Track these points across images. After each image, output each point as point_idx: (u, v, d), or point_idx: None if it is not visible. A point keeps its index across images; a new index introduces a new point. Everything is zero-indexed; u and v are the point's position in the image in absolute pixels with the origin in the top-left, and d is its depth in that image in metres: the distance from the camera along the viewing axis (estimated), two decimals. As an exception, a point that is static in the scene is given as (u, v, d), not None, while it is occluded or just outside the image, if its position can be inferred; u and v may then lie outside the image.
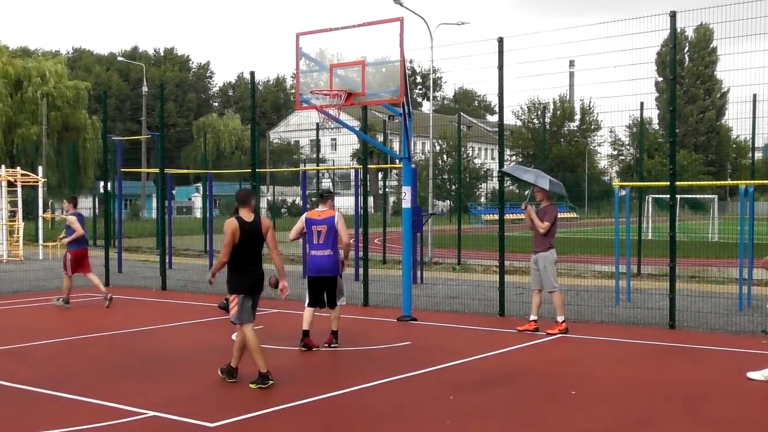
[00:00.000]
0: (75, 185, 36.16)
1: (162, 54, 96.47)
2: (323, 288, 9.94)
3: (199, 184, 57.56)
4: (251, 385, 7.76)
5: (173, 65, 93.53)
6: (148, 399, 7.30)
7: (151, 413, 6.83)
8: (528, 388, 7.82)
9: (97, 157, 47.31)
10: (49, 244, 25.28)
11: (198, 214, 55.37)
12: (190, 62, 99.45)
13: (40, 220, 25.83)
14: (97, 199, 33.33)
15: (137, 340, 10.69)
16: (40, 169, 26.95)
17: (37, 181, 25.44)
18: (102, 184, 25.23)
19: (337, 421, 6.75)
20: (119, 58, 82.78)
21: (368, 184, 15.99)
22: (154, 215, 37.14)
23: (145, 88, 63.02)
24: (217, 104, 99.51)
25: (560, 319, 10.80)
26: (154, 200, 29.54)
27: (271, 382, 7.75)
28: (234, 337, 9.30)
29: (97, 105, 60.96)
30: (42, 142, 44.39)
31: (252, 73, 15.70)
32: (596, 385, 7.90)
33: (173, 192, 33.91)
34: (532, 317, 10.98)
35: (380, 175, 25.67)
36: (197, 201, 60.63)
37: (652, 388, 7.76)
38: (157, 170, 18.07)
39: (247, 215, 8.15)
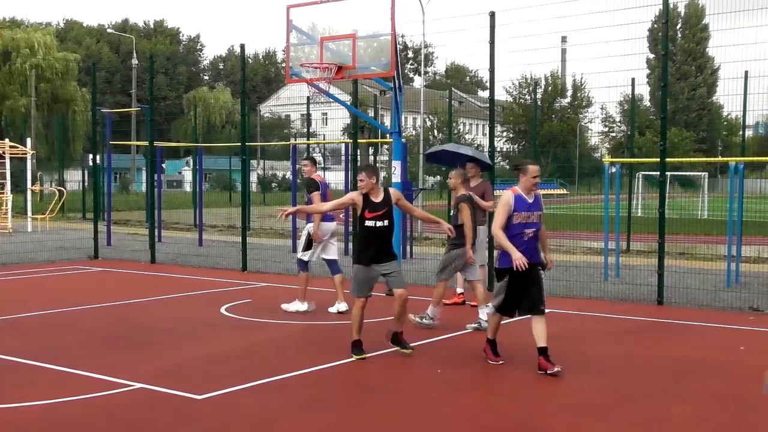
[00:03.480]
0: (64, 158, 35.95)
1: (152, 27, 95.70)
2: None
3: (190, 158, 57.43)
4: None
5: (164, 38, 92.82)
6: (136, 371, 7.30)
7: (139, 385, 6.83)
8: (516, 362, 7.85)
9: (87, 130, 47.07)
10: (38, 216, 25.18)
11: (188, 187, 55.27)
12: (181, 35, 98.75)
13: (29, 193, 25.69)
14: (86, 172, 33.17)
15: (126, 312, 10.68)
16: (28, 141, 26.76)
17: (26, 154, 25.27)
18: (91, 156, 25.04)
19: (326, 393, 6.77)
20: (109, 31, 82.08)
21: (359, 158, 15.94)
22: (143, 188, 37.04)
23: (135, 61, 62.59)
24: (207, 77, 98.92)
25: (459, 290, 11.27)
26: (144, 173, 29.43)
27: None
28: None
29: (86, 77, 60.49)
30: (31, 114, 44.05)
31: (242, 46, 15.57)
32: (583, 360, 7.94)
33: (163, 165, 33.78)
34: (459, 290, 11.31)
35: (371, 150, 25.60)
36: (187, 175, 60.46)
37: (639, 363, 7.81)
38: (146, 143, 17.96)
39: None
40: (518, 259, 7.14)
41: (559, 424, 6.05)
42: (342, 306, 10.56)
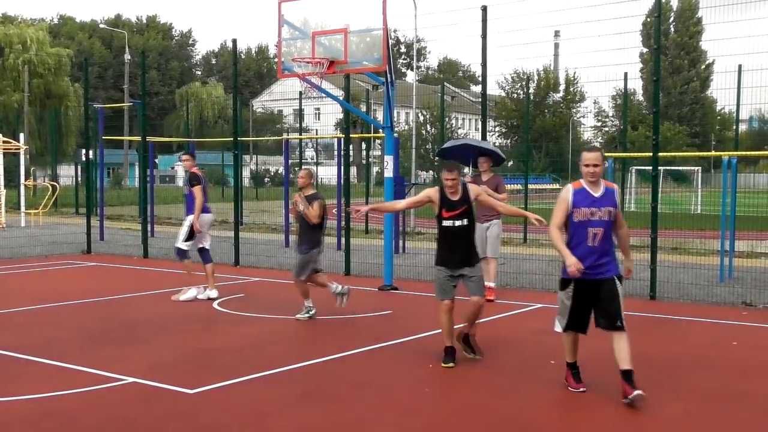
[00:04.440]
0: (57, 153, 35.85)
1: (145, 22, 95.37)
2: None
3: (182, 153, 57.27)
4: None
5: (156, 33, 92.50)
6: (128, 365, 7.29)
7: (132, 379, 6.82)
8: (507, 357, 7.86)
9: (79, 125, 46.92)
10: (32, 211, 25.11)
11: (180, 182, 55.11)
12: (173, 30, 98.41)
13: (22, 188, 25.61)
14: (79, 167, 33.07)
15: (118, 307, 10.66)
16: (21, 136, 26.68)
17: (19, 149, 25.18)
18: (84, 152, 24.97)
19: (318, 387, 6.77)
20: (102, 26, 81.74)
21: (351, 153, 15.93)
22: (136, 184, 36.96)
23: (127, 56, 62.33)
24: (200, 73, 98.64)
25: (492, 284, 10.96)
26: (137, 169, 29.36)
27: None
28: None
29: (79, 72, 60.21)
30: (24, 109, 43.90)
31: (234, 41, 15.52)
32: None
33: (156, 160, 33.70)
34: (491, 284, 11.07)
35: (363, 145, 25.60)
36: (180, 170, 60.29)
37: (632, 358, 7.81)
38: (139, 138, 17.91)
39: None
40: (572, 265, 6.21)
41: (551, 419, 6.06)
42: (212, 293, 11.14)
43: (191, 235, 11.15)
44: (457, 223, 7.37)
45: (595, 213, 6.25)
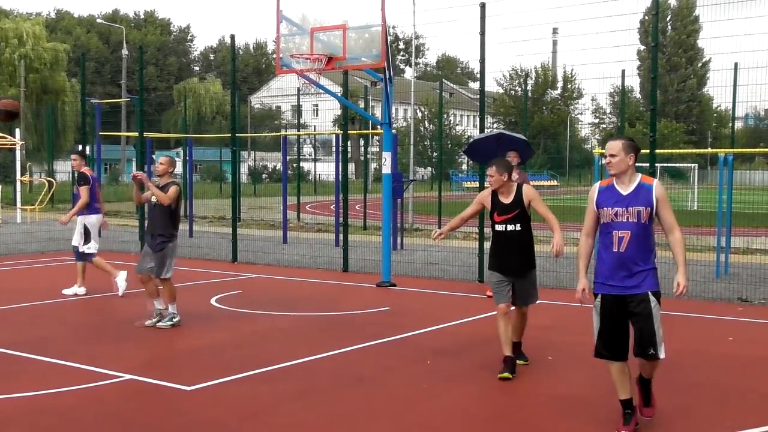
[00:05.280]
0: (53, 148, 35.78)
1: (142, 17, 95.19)
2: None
3: (180, 149, 57.25)
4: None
5: (154, 28, 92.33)
6: (125, 362, 7.29)
7: (129, 376, 6.82)
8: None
9: (76, 121, 46.81)
10: (27, 207, 25.07)
11: (178, 178, 55.04)
12: (171, 26, 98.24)
13: (18, 184, 25.56)
14: (76, 163, 32.97)
15: (114, 303, 10.65)
16: (17, 132, 26.61)
17: (15, 144, 25.13)
18: (81, 147, 24.95)
19: (315, 384, 6.77)
20: (99, 21, 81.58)
21: (349, 150, 15.92)
22: (133, 180, 36.81)
23: (125, 51, 62.28)
24: (198, 68, 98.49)
25: None
26: (134, 165, 29.31)
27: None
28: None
29: (76, 68, 60.18)
30: (20, 104, 43.82)
31: (233, 37, 15.51)
32: (573, 351, 7.96)
33: (153, 156, 33.64)
34: None
35: (361, 141, 25.62)
36: (177, 166, 60.27)
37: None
38: (136, 134, 17.89)
39: None
40: (577, 291, 5.53)
41: (548, 414, 6.07)
42: (80, 290, 11.05)
43: (88, 235, 11.06)
44: (510, 227, 6.88)
45: (620, 213, 5.33)
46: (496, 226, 6.95)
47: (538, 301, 7.32)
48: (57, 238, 18.70)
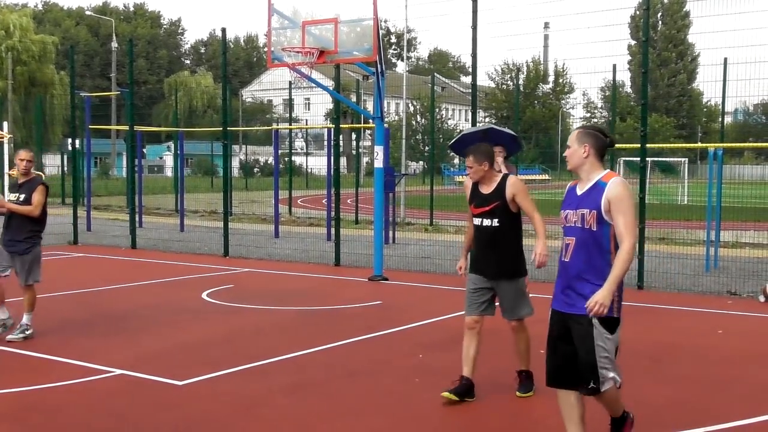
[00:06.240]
0: (42, 142, 35.62)
1: (132, 10, 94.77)
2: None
3: (171, 143, 57.06)
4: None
5: (144, 21, 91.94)
6: (116, 357, 7.27)
7: (120, 371, 6.80)
8: (496, 347, 7.87)
9: (66, 114, 46.62)
10: (17, 201, 24.92)
11: (169, 172, 54.89)
12: (162, 19, 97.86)
13: (6, 178, 25.43)
14: (65, 157, 32.87)
15: (106, 298, 10.62)
16: (5, 125, 26.43)
17: (3, 138, 24.98)
18: (70, 141, 24.82)
19: (308, 378, 6.77)
20: (88, 13, 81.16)
21: (341, 144, 15.91)
22: (124, 173, 36.76)
23: (114, 44, 61.96)
24: (189, 62, 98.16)
25: None
26: (124, 158, 29.20)
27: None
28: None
29: (65, 60, 59.81)
30: (8, 97, 43.55)
31: (224, 30, 15.46)
32: (564, 345, 7.97)
33: (144, 150, 33.55)
34: None
35: (353, 135, 25.59)
36: (168, 160, 60.06)
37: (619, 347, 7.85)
38: (127, 128, 17.82)
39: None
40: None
41: (540, 407, 6.08)
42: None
43: None
44: (486, 222, 5.94)
45: (569, 217, 4.64)
46: (474, 219, 6.05)
47: (533, 314, 6.21)
48: (46, 232, 18.57)
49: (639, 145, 11.95)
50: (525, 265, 6.20)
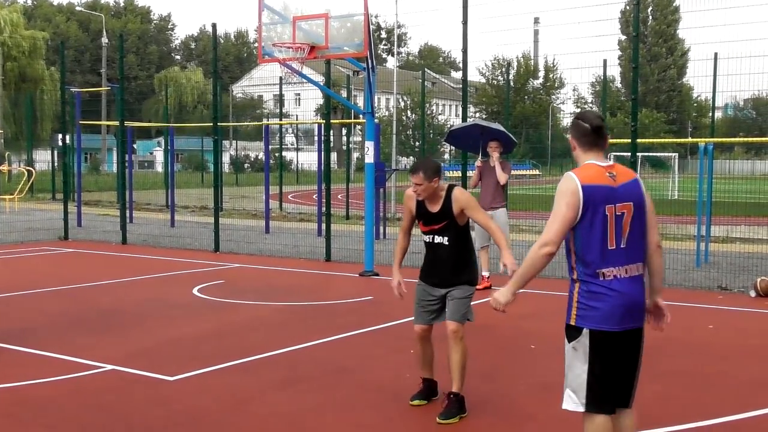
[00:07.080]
0: (32, 137, 35.46)
1: (122, 5, 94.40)
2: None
3: (161, 138, 56.89)
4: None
5: (134, 17, 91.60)
6: (107, 353, 7.25)
7: (110, 367, 6.79)
8: (488, 342, 7.90)
9: (56, 109, 46.43)
10: (7, 197, 24.84)
11: (159, 168, 54.76)
12: (152, 14, 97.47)
13: (-3, 173, 25.34)
14: (55, 152, 32.74)
15: (97, 294, 10.59)
16: (-5, 121, 26.33)
17: (-7, 134, 24.89)
18: (60, 136, 24.73)
19: (298, 374, 6.77)
20: (78, 9, 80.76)
21: (332, 139, 15.90)
22: (114, 169, 36.65)
23: (105, 40, 61.71)
24: (179, 57, 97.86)
25: (486, 274, 10.78)
26: (115, 154, 29.11)
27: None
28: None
29: (55, 56, 59.62)
30: (-2, 93, 43.36)
31: (214, 26, 15.41)
32: (556, 340, 7.94)
33: (134, 146, 33.45)
34: (486, 273, 10.93)
35: (344, 131, 25.56)
36: (159, 155, 59.89)
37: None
38: (117, 123, 17.75)
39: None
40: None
41: (532, 403, 6.10)
42: None
43: None
44: (438, 239, 5.82)
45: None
46: (424, 236, 5.93)
47: (472, 320, 6.00)
48: (36, 228, 18.56)
49: (629, 140, 11.97)
50: (477, 274, 6.08)
